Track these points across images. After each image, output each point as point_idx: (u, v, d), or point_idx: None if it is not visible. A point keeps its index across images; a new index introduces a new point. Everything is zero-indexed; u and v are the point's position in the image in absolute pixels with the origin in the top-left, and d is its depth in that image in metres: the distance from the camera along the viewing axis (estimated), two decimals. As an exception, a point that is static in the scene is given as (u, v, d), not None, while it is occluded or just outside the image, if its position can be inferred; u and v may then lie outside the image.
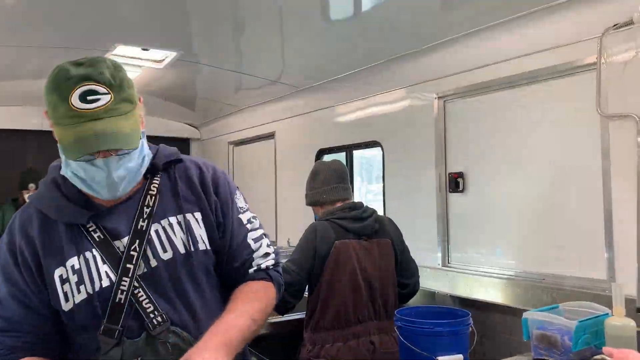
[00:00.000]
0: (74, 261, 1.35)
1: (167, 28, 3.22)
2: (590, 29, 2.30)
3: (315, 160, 4.28)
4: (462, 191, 3.00)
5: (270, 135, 4.92)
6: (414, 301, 3.13)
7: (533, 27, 2.55)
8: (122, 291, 1.34)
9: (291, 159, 4.65)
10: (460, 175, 3.00)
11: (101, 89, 1.24)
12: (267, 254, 1.55)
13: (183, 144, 6.25)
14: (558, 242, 2.53)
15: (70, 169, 1.32)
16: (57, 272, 1.35)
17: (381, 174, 3.65)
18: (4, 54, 3.67)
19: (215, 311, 1.42)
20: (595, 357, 1.93)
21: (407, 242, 2.78)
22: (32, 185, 4.77)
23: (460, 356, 2.14)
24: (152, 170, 1.45)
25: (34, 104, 5.31)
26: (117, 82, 1.27)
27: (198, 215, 1.45)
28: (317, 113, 4.22)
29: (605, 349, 1.68)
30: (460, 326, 2.20)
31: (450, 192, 3.06)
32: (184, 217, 1.43)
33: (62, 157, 1.32)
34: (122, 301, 1.34)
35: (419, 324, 2.19)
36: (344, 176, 2.72)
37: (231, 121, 5.47)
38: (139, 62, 3.74)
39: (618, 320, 1.90)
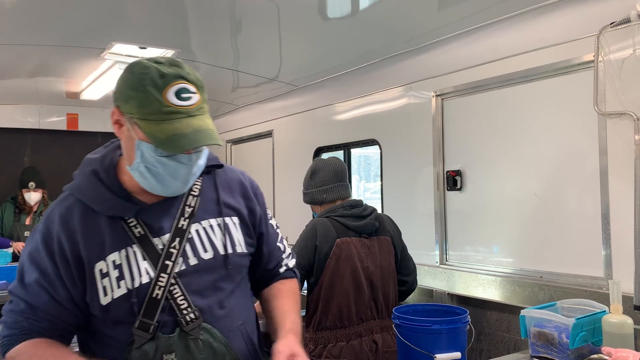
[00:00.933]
0: (115, 256, 1.37)
1: (164, 26, 3.21)
2: (587, 27, 2.31)
3: (313, 159, 4.28)
4: (459, 189, 3.00)
5: (268, 134, 4.91)
6: (411, 299, 3.13)
7: (530, 25, 2.55)
8: (160, 287, 1.37)
9: (289, 157, 4.65)
10: (458, 173, 3.00)
11: (192, 88, 1.30)
12: (290, 254, 1.71)
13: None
14: (555, 240, 2.53)
15: (147, 163, 1.32)
16: (98, 266, 1.36)
17: (379, 172, 3.65)
18: (0, 53, 3.65)
19: (244, 310, 1.52)
20: (593, 356, 1.95)
21: (405, 240, 2.78)
22: (32, 184, 4.76)
23: (458, 354, 2.15)
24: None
25: (31, 102, 5.31)
26: (200, 84, 1.34)
27: (236, 220, 1.53)
28: (315, 111, 4.22)
29: (604, 348, 1.69)
30: (458, 324, 2.20)
31: (448, 190, 3.07)
32: (224, 220, 1.50)
33: (141, 152, 1.31)
34: (158, 297, 1.37)
35: (417, 322, 2.19)
36: (343, 174, 2.71)
37: (229, 119, 5.47)
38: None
39: (615, 318, 1.91)
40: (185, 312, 1.39)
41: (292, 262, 1.70)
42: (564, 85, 2.49)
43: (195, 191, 1.48)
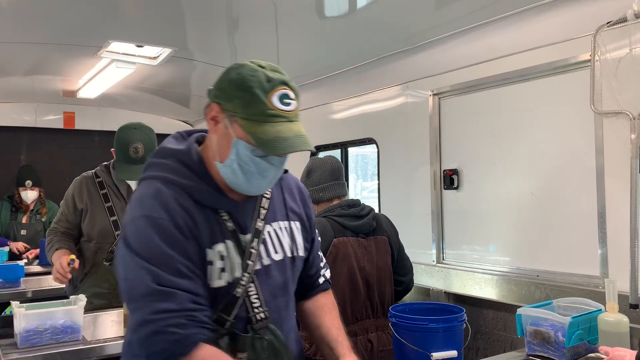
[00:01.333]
0: (220, 247, 1.40)
1: (161, 24, 3.21)
2: (584, 27, 2.31)
3: (310, 158, 4.27)
4: (456, 188, 3.01)
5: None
6: (408, 297, 3.13)
7: (527, 25, 2.55)
8: (241, 285, 1.41)
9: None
10: (455, 172, 3.00)
11: (292, 95, 1.36)
12: (325, 264, 1.79)
13: (178, 141, 6.23)
14: (552, 239, 2.54)
15: (240, 161, 1.35)
16: (209, 253, 1.38)
17: (376, 171, 3.65)
18: (-3, 50, 3.65)
19: (292, 313, 1.60)
20: (590, 355, 1.96)
21: (401, 239, 2.78)
22: (28, 182, 4.75)
23: (455, 352, 2.15)
24: None
25: (27, 101, 5.30)
26: (297, 92, 1.39)
27: (298, 224, 1.61)
28: (312, 110, 4.21)
29: (601, 347, 1.69)
30: (455, 322, 2.21)
31: (444, 189, 3.07)
32: (289, 224, 1.58)
33: (237, 150, 1.35)
34: (238, 294, 1.41)
35: (414, 321, 2.20)
36: (339, 172, 2.71)
37: (226, 118, 5.46)
38: (133, 58, 3.72)
39: (611, 316, 1.91)
40: (256, 310, 1.44)
41: (328, 273, 1.78)
42: (561, 85, 2.49)
43: (267, 194, 1.54)
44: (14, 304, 2.19)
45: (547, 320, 1.99)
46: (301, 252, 1.59)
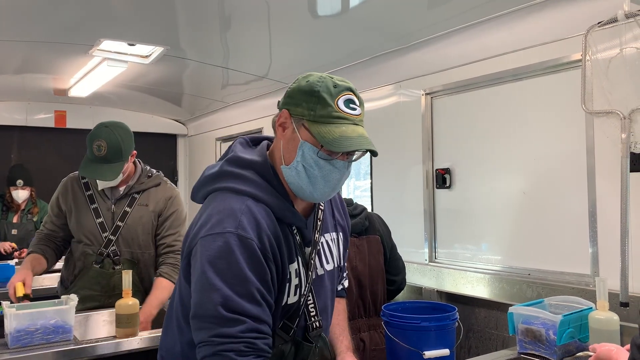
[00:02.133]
0: (295, 264, 1.44)
1: (153, 23, 3.19)
2: (575, 26, 2.32)
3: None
4: (449, 187, 3.02)
5: (258, 132, 4.90)
6: (400, 296, 3.14)
7: (519, 25, 2.56)
8: (303, 295, 1.47)
9: (279, 155, 4.63)
10: (447, 171, 3.01)
11: (357, 101, 1.41)
12: (347, 273, 1.83)
13: (170, 140, 6.21)
14: (543, 238, 2.55)
15: (305, 163, 1.38)
16: (287, 271, 1.41)
17: (369, 170, 3.65)
18: (-13, 49, 3.62)
19: (331, 319, 1.65)
20: (579, 354, 1.97)
21: (394, 238, 2.78)
22: (20, 182, 4.71)
23: (447, 351, 2.16)
24: None
25: (18, 99, 5.26)
26: (362, 101, 1.43)
27: (341, 235, 1.66)
28: (304, 109, 4.21)
29: (591, 346, 1.70)
30: (447, 321, 2.21)
31: (437, 188, 3.08)
32: (337, 235, 1.63)
33: (302, 152, 1.38)
34: (300, 303, 1.46)
35: (406, 319, 2.20)
36: None
37: (218, 117, 5.45)
38: (125, 57, 3.70)
39: (602, 314, 1.93)
40: (313, 319, 1.50)
41: (346, 283, 1.85)
42: (552, 84, 2.51)
43: (322, 206, 1.58)
44: (5, 304, 2.18)
45: (538, 319, 2.00)
46: (343, 262, 1.66)
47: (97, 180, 2.67)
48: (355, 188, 5.07)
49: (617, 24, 2.16)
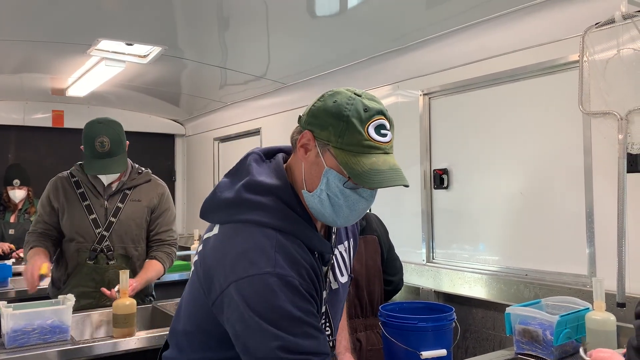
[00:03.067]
0: (325, 292, 1.37)
1: (151, 22, 3.19)
2: (573, 27, 2.33)
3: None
4: (446, 188, 3.02)
5: (256, 132, 4.90)
6: (398, 297, 3.14)
7: (516, 25, 2.57)
8: (322, 315, 1.40)
9: (277, 155, 4.63)
10: (445, 171, 3.02)
11: (388, 125, 1.29)
12: (352, 273, 1.74)
13: (168, 140, 6.21)
14: (540, 238, 2.55)
15: (330, 192, 1.28)
16: (322, 297, 1.37)
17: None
18: (-16, 48, 3.61)
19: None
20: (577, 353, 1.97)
21: (392, 238, 2.79)
22: (16, 181, 4.71)
23: (444, 351, 2.16)
24: None
25: (16, 99, 5.25)
26: (392, 122, 1.31)
27: (352, 241, 1.58)
28: (303, 109, 4.20)
29: (588, 352, 1.70)
30: (444, 321, 2.22)
31: (434, 188, 3.08)
32: (348, 242, 1.54)
33: (327, 180, 1.28)
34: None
35: (403, 320, 2.20)
36: None
37: (216, 117, 5.45)
38: (123, 57, 3.70)
39: (598, 315, 1.93)
40: (328, 338, 1.40)
41: (348, 280, 1.77)
42: (550, 85, 2.51)
43: None
44: (2, 303, 2.17)
45: (535, 319, 2.00)
46: (351, 271, 1.60)
47: (101, 176, 2.73)
48: (353, 188, 5.08)
49: (615, 25, 2.16)
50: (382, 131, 1.27)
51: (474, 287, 2.80)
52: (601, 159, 2.27)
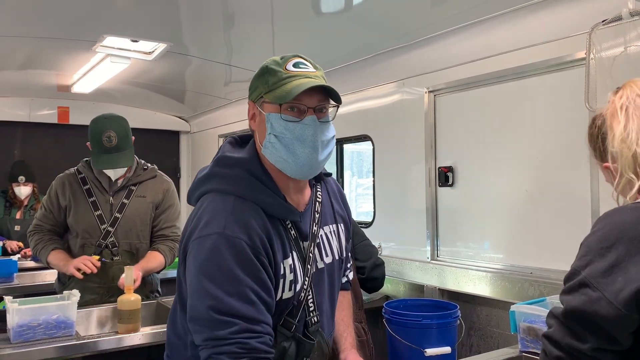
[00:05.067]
0: (290, 260, 1.41)
1: (157, 19, 3.19)
2: (580, 25, 2.31)
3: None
4: (451, 185, 3.01)
5: (261, 129, 4.90)
6: (402, 294, 3.14)
7: (523, 22, 2.56)
8: (304, 290, 1.44)
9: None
10: (450, 169, 3.01)
11: (307, 63, 1.42)
12: (351, 266, 1.81)
13: (173, 136, 6.22)
14: (545, 236, 2.54)
15: (275, 132, 1.37)
16: (282, 266, 1.39)
17: (371, 168, 3.65)
18: (-10, 44, 3.62)
19: (334, 315, 1.63)
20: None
21: (396, 235, 2.79)
22: (22, 178, 4.72)
23: (448, 348, 2.16)
24: (316, 179, 1.57)
25: (21, 95, 5.26)
26: (318, 67, 1.45)
27: (342, 226, 1.64)
28: (307, 106, 4.21)
29: None
30: (448, 319, 2.22)
31: (439, 186, 3.08)
32: (337, 226, 1.61)
33: (270, 123, 1.38)
34: (301, 299, 1.44)
35: (407, 317, 2.21)
36: None
37: (221, 114, 5.45)
38: (128, 53, 3.71)
39: (604, 313, 1.92)
40: (312, 314, 1.47)
41: (351, 275, 1.81)
42: (556, 82, 2.50)
43: (319, 197, 1.56)
44: (7, 298, 2.18)
45: (540, 317, 2.00)
46: (344, 254, 1.64)
47: (108, 171, 2.74)
48: (358, 186, 5.08)
49: (622, 22, 2.15)
50: (301, 65, 1.40)
51: (479, 285, 2.79)
52: (607, 156, 2.25)
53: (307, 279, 1.44)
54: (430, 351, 2.13)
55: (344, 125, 3.88)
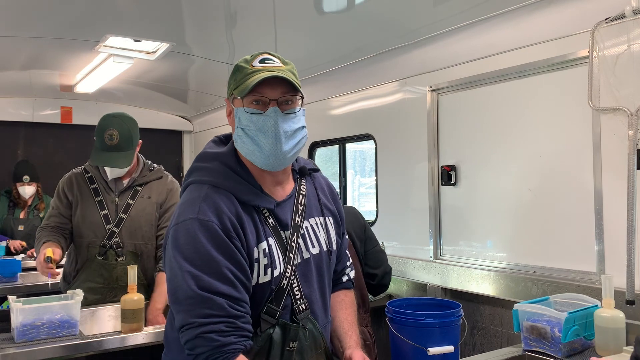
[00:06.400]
0: (264, 244, 1.46)
1: (159, 19, 3.20)
2: (582, 23, 2.31)
3: (309, 153, 4.28)
4: (454, 184, 3.01)
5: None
6: (405, 293, 3.14)
7: (526, 20, 2.55)
8: (286, 277, 1.49)
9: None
10: (453, 168, 3.01)
11: (276, 60, 1.50)
12: (351, 264, 1.85)
13: (175, 136, 6.22)
14: (549, 235, 2.54)
15: (241, 125, 1.46)
16: (256, 251, 1.44)
17: (374, 167, 3.65)
18: (-6, 45, 3.63)
19: (328, 308, 1.65)
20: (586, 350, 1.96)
21: (398, 235, 2.78)
22: (26, 178, 4.73)
23: (451, 347, 2.16)
24: (301, 174, 1.65)
25: (25, 95, 5.28)
26: (286, 61, 1.52)
27: (331, 220, 1.69)
28: (310, 106, 4.18)
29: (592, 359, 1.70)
30: (451, 318, 2.21)
31: (442, 185, 3.07)
32: (325, 219, 1.65)
33: (238, 117, 1.48)
34: (284, 286, 1.48)
35: (410, 316, 2.20)
36: None
37: (224, 114, 5.42)
38: (131, 53, 3.71)
39: (607, 312, 1.92)
40: (299, 302, 1.51)
41: (352, 273, 1.84)
42: (559, 81, 2.49)
43: (303, 191, 1.62)
44: (11, 298, 2.19)
45: (543, 316, 1.99)
46: (335, 247, 1.67)
47: (107, 169, 2.74)
48: (361, 185, 5.07)
49: (625, 20, 2.14)
50: (267, 61, 1.47)
51: (482, 284, 2.79)
52: (611, 155, 2.25)
53: (289, 267, 1.49)
54: (433, 350, 2.12)
55: (347, 125, 3.88)
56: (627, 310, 2.03)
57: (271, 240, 1.48)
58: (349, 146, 4.23)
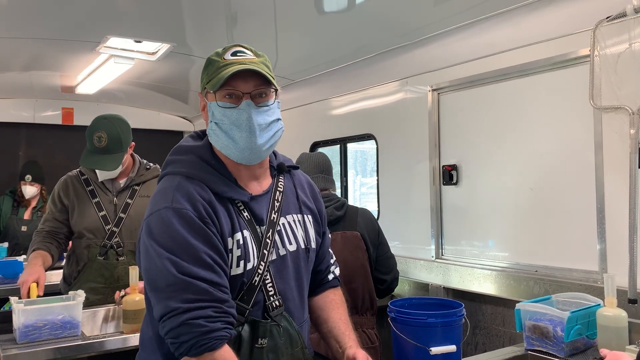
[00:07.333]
0: (238, 236, 1.45)
1: (160, 20, 3.20)
2: (583, 21, 2.30)
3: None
4: (455, 184, 3.01)
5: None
6: (407, 293, 3.14)
7: (526, 20, 2.55)
8: (258, 274, 1.46)
9: (285, 152, 4.61)
10: (454, 167, 3.00)
11: (246, 50, 1.48)
12: (335, 261, 1.83)
13: (176, 137, 6.22)
14: (551, 234, 2.54)
15: (214, 119, 1.46)
16: (229, 241, 1.43)
17: (375, 167, 3.65)
18: (-6, 46, 3.64)
19: (305, 306, 1.63)
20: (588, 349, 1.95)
21: (400, 235, 2.78)
22: (28, 177, 4.74)
23: (454, 347, 2.15)
24: (279, 170, 1.64)
25: (26, 97, 5.28)
26: (259, 54, 1.50)
27: (310, 218, 1.67)
28: (311, 106, 4.21)
29: (601, 350, 1.69)
30: (453, 317, 2.21)
31: (443, 184, 3.07)
32: (303, 217, 1.63)
33: (212, 112, 1.47)
34: (255, 283, 1.46)
35: (412, 315, 2.20)
36: (324, 167, 2.76)
37: (225, 114, 5.45)
38: (132, 54, 3.71)
39: (610, 311, 1.92)
40: (272, 298, 1.48)
41: (337, 270, 1.81)
42: (560, 80, 2.49)
43: (280, 187, 1.60)
44: (13, 299, 2.19)
45: (545, 315, 1.99)
46: (313, 245, 1.65)
47: (97, 172, 2.74)
48: (362, 185, 5.07)
49: (626, 18, 2.14)
50: (239, 54, 1.45)
51: (484, 284, 2.79)
52: (612, 154, 2.25)
53: (262, 262, 1.46)
54: (435, 350, 2.12)
55: (348, 124, 3.88)
56: (630, 309, 2.03)
57: (246, 233, 1.46)
58: (350, 146, 4.22)
